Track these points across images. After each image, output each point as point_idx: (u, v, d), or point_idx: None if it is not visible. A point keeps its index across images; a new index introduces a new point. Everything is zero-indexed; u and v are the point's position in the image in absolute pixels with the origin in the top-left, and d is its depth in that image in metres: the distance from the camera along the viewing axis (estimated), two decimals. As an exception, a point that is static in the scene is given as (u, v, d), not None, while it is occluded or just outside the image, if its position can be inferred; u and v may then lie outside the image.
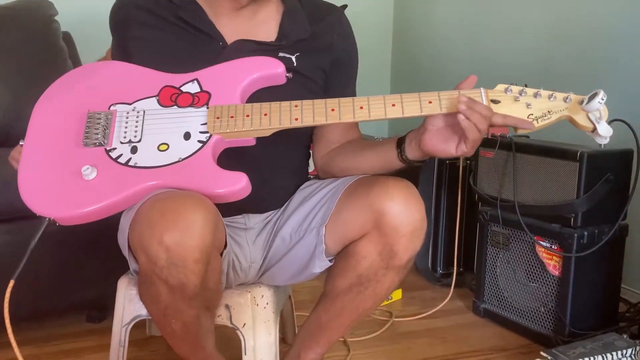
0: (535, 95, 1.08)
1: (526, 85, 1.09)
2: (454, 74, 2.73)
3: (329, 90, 1.30)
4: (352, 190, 1.19)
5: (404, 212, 1.12)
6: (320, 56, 1.28)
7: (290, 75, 1.18)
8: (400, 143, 1.20)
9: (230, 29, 1.25)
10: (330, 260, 1.22)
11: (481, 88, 1.10)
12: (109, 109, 1.17)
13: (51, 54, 2.04)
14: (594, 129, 1.06)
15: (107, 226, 1.66)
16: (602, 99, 1.03)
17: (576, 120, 1.07)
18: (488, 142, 1.86)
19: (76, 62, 2.10)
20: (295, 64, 1.24)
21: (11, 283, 1.09)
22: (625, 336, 1.55)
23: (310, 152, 1.40)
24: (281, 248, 1.27)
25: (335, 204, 1.19)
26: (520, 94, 1.09)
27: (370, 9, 3.01)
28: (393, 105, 1.10)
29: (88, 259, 1.70)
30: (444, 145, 1.12)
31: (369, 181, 1.18)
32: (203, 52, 1.22)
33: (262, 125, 1.11)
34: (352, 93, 1.35)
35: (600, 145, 1.08)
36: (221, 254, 1.13)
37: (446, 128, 1.12)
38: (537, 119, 1.07)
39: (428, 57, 2.92)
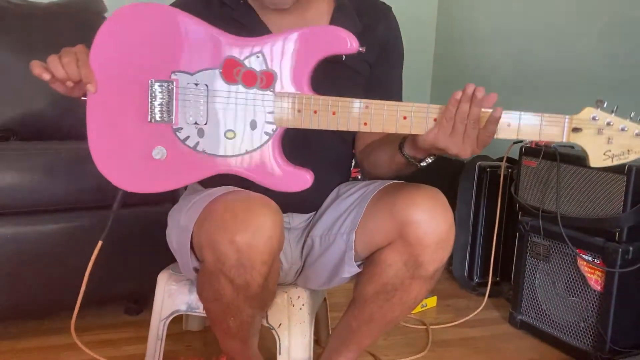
0: (622, 129, 0.99)
1: (615, 110, 1.00)
2: (496, 79, 2.69)
3: (372, 78, 1.29)
4: (380, 198, 1.18)
5: (429, 223, 1.10)
6: (367, 49, 1.24)
7: (363, 49, 1.09)
8: (404, 139, 1.16)
9: (280, 28, 1.24)
10: (359, 266, 1.22)
11: (566, 117, 1.01)
12: (170, 77, 1.12)
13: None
14: None
15: (148, 220, 1.71)
16: None
17: None
18: (532, 151, 1.83)
19: (123, 59, 2.15)
20: (344, 58, 1.22)
21: (99, 244, 1.22)
22: (668, 356, 1.50)
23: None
24: (312, 251, 1.28)
25: (364, 210, 1.19)
26: (607, 125, 1.00)
27: (413, 11, 2.98)
28: None
29: (128, 252, 1.73)
30: (433, 140, 1.06)
31: (396, 188, 1.17)
32: None
33: (329, 124, 1.08)
34: (397, 80, 1.35)
35: None
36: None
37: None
38: (612, 157, 1.00)
39: (470, 61, 2.88)
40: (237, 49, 1.11)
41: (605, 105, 1.01)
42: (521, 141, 1.88)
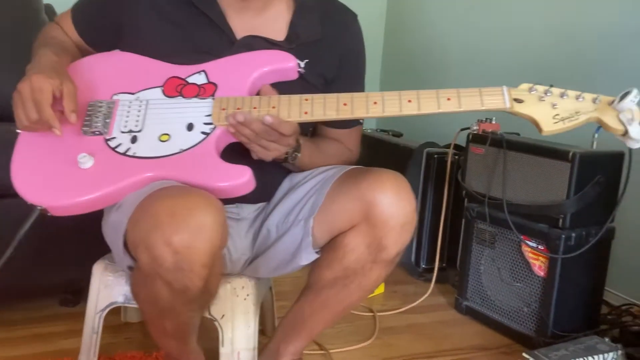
0: (562, 95, 1.03)
1: (552, 86, 1.04)
2: (447, 69, 2.70)
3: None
4: (343, 181, 1.16)
5: (395, 205, 1.09)
6: (326, 64, 1.24)
7: (302, 70, 1.14)
8: None
9: (239, 23, 1.21)
10: (317, 252, 1.19)
11: (504, 87, 1.05)
12: (111, 98, 1.14)
13: (33, 27, 1.96)
14: (625, 132, 1.00)
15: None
16: (636, 97, 0.97)
17: (605, 121, 1.01)
18: (479, 138, 1.83)
19: (58, 36, 2.03)
20: (303, 71, 1.20)
21: None
22: (607, 339, 1.54)
23: None
24: (267, 239, 1.24)
25: (325, 195, 1.16)
26: (546, 94, 1.04)
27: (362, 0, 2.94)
28: (409, 101, 1.05)
29: (63, 240, 1.64)
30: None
31: (361, 172, 1.15)
32: (212, 44, 1.18)
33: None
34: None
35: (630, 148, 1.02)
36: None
37: None
38: (563, 120, 1.02)
39: (420, 52, 2.88)
40: (181, 71, 1.15)
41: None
42: (468, 128, 1.88)
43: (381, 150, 2.44)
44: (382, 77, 3.14)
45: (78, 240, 1.63)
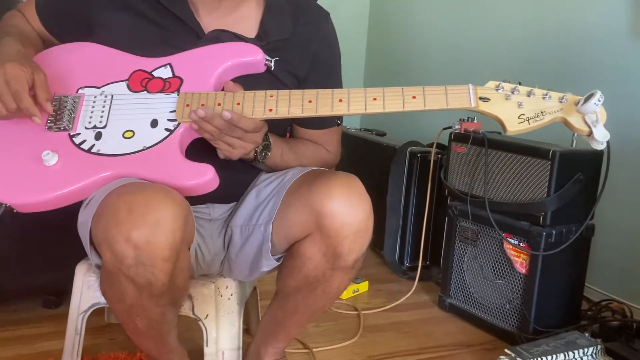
0: (529, 93, 1.02)
1: (520, 83, 1.03)
2: (430, 69, 2.72)
3: None
4: (296, 188, 1.14)
5: (346, 213, 1.06)
6: (297, 63, 1.23)
7: (270, 63, 1.14)
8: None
9: (209, 20, 1.20)
10: (277, 260, 1.19)
11: (469, 85, 1.04)
12: (77, 92, 1.13)
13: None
14: (590, 133, 1.00)
15: (66, 208, 1.61)
16: (599, 101, 0.98)
17: (571, 122, 1.01)
18: (461, 137, 1.85)
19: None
20: (272, 68, 1.19)
21: None
22: (587, 334, 1.56)
23: None
24: (235, 242, 1.23)
25: (281, 200, 1.15)
26: (512, 92, 1.02)
27: (345, 2, 2.95)
28: (374, 99, 1.05)
29: (45, 241, 1.63)
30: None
31: (312, 177, 1.13)
32: (179, 38, 1.17)
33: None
34: None
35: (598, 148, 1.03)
36: (189, 248, 1.09)
37: None
38: (528, 120, 1.01)
39: (404, 51, 2.90)
40: (147, 64, 1.14)
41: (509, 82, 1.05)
42: (450, 127, 1.90)
43: (365, 150, 2.45)
44: (365, 76, 3.15)
45: (60, 241, 1.62)
